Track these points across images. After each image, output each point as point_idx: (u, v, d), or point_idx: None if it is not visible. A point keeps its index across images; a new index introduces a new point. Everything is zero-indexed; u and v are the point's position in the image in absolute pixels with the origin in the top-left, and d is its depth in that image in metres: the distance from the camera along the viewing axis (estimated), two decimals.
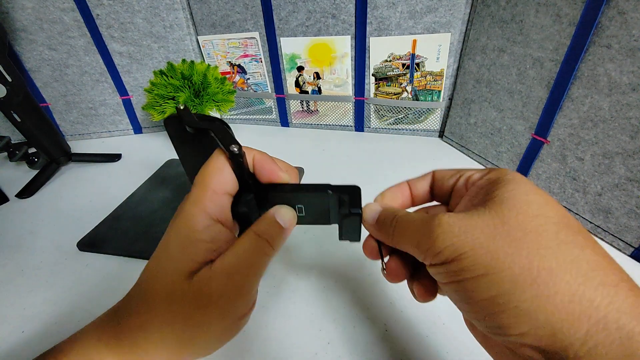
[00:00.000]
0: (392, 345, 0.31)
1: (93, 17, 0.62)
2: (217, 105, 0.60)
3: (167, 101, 0.56)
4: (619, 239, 0.39)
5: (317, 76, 0.66)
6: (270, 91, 0.72)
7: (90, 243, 0.44)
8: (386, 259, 0.23)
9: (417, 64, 0.59)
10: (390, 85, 0.63)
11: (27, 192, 0.56)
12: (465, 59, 0.56)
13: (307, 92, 0.69)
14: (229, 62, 0.70)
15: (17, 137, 0.70)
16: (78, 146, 0.71)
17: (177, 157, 0.63)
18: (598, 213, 0.41)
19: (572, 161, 0.42)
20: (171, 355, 0.20)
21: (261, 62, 0.68)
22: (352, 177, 0.56)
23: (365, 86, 0.65)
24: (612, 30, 0.35)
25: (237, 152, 0.21)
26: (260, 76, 0.70)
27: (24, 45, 0.63)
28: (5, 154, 0.59)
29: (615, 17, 0.35)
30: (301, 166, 0.57)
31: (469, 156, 0.59)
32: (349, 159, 0.61)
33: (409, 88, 0.62)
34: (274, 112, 0.75)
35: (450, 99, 0.62)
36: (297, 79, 0.68)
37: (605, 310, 0.14)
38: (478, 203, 0.18)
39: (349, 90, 0.66)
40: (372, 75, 0.63)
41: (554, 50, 0.41)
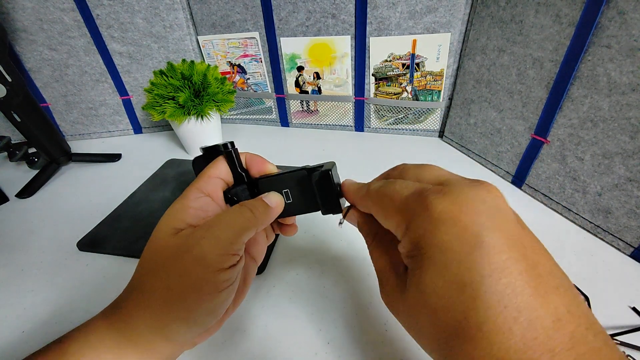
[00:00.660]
0: (392, 345, 0.31)
1: (93, 17, 0.62)
2: (217, 105, 0.60)
3: (167, 101, 0.56)
4: (619, 238, 0.39)
5: (317, 76, 0.66)
6: (270, 91, 0.72)
7: (90, 243, 0.44)
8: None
9: (417, 64, 0.59)
10: (390, 85, 0.63)
11: (27, 192, 0.56)
12: (465, 59, 0.56)
13: (307, 92, 0.69)
14: (229, 62, 0.70)
15: (17, 137, 0.70)
16: (78, 146, 0.72)
17: (177, 157, 0.63)
18: (598, 213, 0.41)
19: (572, 161, 0.42)
20: (159, 319, 0.20)
21: (261, 62, 0.68)
22: (352, 177, 0.55)
23: (365, 86, 0.65)
24: (612, 31, 0.35)
25: (229, 147, 0.25)
26: (260, 76, 0.70)
27: (24, 46, 0.63)
28: (5, 154, 0.59)
29: (615, 18, 0.35)
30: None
31: (468, 156, 0.59)
32: (349, 159, 0.61)
33: (408, 88, 0.62)
34: (274, 112, 0.75)
35: (450, 99, 0.62)
36: (297, 79, 0.68)
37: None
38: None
39: (349, 90, 0.66)
40: (372, 75, 0.63)
41: (554, 51, 0.41)
